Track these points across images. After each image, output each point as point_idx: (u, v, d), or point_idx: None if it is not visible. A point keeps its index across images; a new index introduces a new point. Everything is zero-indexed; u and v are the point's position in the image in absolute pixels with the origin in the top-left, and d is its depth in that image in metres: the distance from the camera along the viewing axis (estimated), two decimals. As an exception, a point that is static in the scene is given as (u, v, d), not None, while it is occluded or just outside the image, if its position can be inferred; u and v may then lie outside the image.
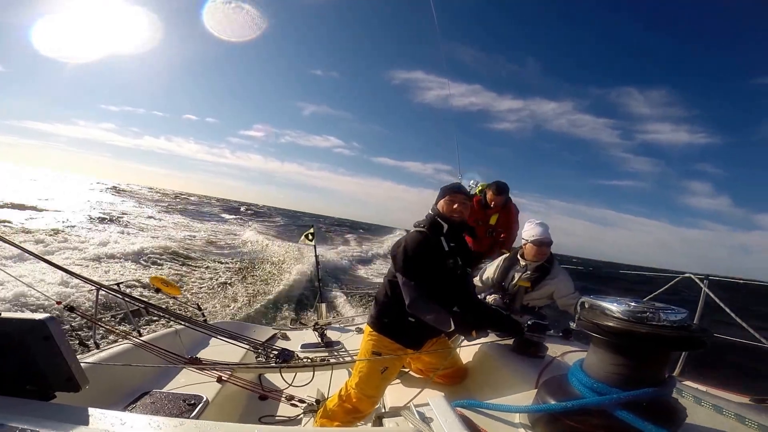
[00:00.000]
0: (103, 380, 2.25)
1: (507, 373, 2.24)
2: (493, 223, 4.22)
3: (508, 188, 4.12)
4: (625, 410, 0.92)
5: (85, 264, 10.37)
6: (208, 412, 2.43)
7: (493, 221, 4.21)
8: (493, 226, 4.22)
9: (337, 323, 4.84)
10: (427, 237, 2.30)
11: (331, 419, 2.40)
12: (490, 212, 4.21)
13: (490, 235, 4.25)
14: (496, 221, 4.20)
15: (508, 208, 4.21)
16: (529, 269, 2.99)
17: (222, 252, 16.32)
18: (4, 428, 0.80)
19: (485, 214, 4.23)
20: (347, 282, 12.18)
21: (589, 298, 1.10)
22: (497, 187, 4.08)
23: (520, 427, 1.12)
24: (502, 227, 4.21)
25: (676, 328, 0.93)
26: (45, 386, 1.06)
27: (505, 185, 4.11)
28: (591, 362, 1.06)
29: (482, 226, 4.23)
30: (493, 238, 4.24)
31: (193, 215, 34.16)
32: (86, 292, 6.74)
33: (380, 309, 2.42)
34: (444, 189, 2.42)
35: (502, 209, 4.19)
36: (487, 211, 4.22)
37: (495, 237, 4.24)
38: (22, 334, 1.01)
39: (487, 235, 4.25)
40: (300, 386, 2.78)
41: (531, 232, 3.00)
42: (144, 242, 14.69)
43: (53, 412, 0.92)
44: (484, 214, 4.23)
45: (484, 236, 4.26)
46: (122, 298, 2.91)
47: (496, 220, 4.20)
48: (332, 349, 3.76)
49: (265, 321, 8.04)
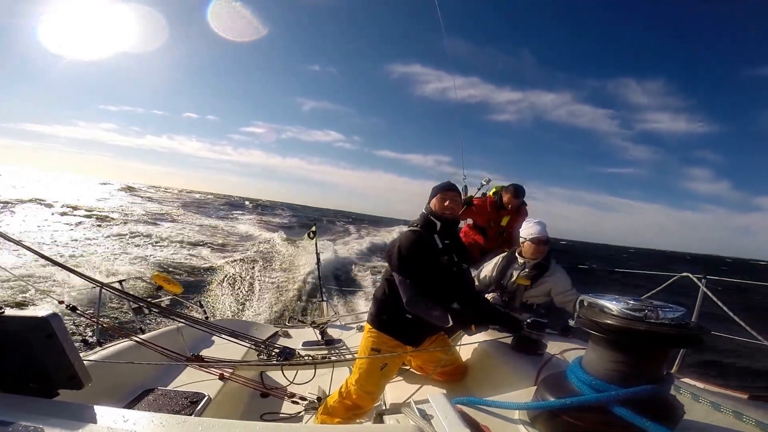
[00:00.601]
0: (105, 378, 2.26)
1: (506, 371, 2.25)
2: (504, 225, 4.22)
3: (525, 191, 4.13)
4: (624, 407, 0.92)
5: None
6: (210, 409, 2.44)
7: (505, 223, 4.21)
8: (504, 228, 4.23)
9: (338, 321, 4.85)
10: (420, 235, 2.33)
11: (331, 416, 2.42)
12: (503, 213, 4.21)
13: (501, 235, 4.26)
14: (507, 223, 4.21)
15: (521, 211, 4.21)
16: (527, 267, 3.01)
17: (224, 248, 16.34)
18: (9, 425, 0.81)
19: (498, 216, 4.23)
20: (349, 280, 12.18)
21: (588, 296, 1.10)
22: (515, 189, 4.08)
23: (519, 423, 1.13)
24: (513, 229, 4.18)
25: (674, 326, 0.94)
26: (48, 384, 1.06)
27: (522, 188, 4.11)
28: (590, 359, 1.07)
29: (494, 227, 4.25)
30: (503, 238, 4.25)
31: (200, 212, 34.24)
32: (89, 290, 6.76)
33: (379, 307, 2.44)
34: (436, 188, 2.45)
35: (516, 212, 4.19)
36: (500, 212, 4.22)
37: (505, 237, 4.24)
38: (25, 332, 1.02)
39: (497, 236, 4.27)
40: (301, 384, 2.79)
41: (529, 230, 3.03)
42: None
43: (56, 409, 0.93)
44: (497, 215, 4.23)
45: (495, 237, 4.27)
46: (124, 296, 2.92)
47: (508, 222, 4.21)
48: (333, 347, 3.77)
49: (267, 319, 8.06)
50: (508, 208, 4.17)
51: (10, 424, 0.81)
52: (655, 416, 0.90)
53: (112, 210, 27.08)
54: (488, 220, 4.23)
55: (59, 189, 42.08)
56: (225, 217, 33.43)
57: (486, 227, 4.29)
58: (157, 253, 13.32)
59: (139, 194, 50.80)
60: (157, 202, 39.41)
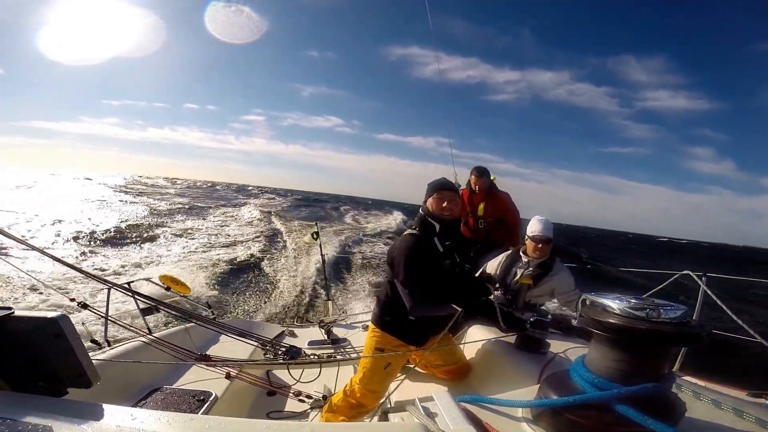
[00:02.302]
0: (114, 377, 2.29)
1: (510, 369, 2.25)
2: (481, 214, 4.23)
3: (487, 170, 4.17)
4: (626, 405, 0.93)
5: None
6: (217, 407, 2.46)
7: (481, 212, 4.23)
8: (482, 217, 4.23)
9: (343, 320, 4.87)
10: (419, 240, 2.24)
11: (336, 414, 2.44)
12: (476, 200, 4.23)
13: (482, 225, 4.26)
14: (483, 211, 4.22)
15: (494, 196, 4.21)
16: (531, 266, 2.99)
17: (226, 245, 16.36)
18: (17, 424, 0.82)
19: (474, 205, 4.25)
20: (354, 278, 12.19)
21: (591, 295, 1.10)
22: (476, 169, 4.15)
23: (523, 421, 1.13)
24: (491, 216, 4.22)
25: (675, 325, 0.94)
26: (57, 382, 1.08)
27: (483, 168, 4.17)
28: (592, 358, 1.07)
29: (471, 217, 4.27)
30: (485, 227, 4.26)
31: (207, 202, 34.32)
32: (99, 290, 6.83)
33: (382, 308, 2.43)
34: (430, 186, 2.34)
35: (488, 198, 4.19)
36: (473, 198, 4.24)
37: (487, 227, 4.25)
38: (34, 331, 1.03)
39: (479, 226, 4.27)
40: (307, 382, 2.81)
41: (531, 228, 3.00)
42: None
43: (65, 407, 0.94)
44: (472, 204, 4.25)
45: (477, 228, 4.28)
46: (133, 296, 2.95)
47: (483, 210, 4.22)
48: (339, 346, 3.79)
49: (273, 319, 8.09)
50: (476, 191, 4.19)
51: (19, 422, 0.83)
52: (657, 414, 0.90)
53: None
54: (467, 212, 4.23)
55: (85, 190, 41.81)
56: (235, 206, 33.28)
57: (465, 219, 4.28)
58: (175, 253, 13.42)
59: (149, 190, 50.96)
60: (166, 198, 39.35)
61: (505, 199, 4.26)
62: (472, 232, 4.29)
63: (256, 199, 42.83)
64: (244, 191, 59.75)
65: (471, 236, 4.25)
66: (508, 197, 4.29)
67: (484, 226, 4.26)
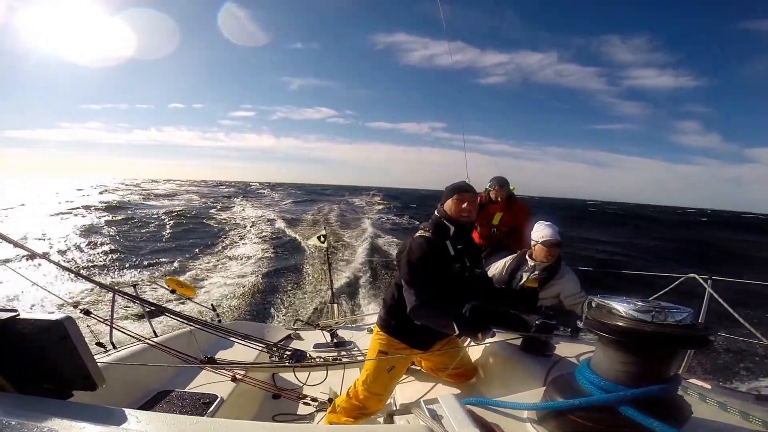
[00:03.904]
0: (119, 380, 2.30)
1: (516, 372, 2.24)
2: (496, 223, 4.24)
3: (507, 181, 4.24)
4: (632, 407, 0.92)
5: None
6: (222, 410, 2.47)
7: (496, 221, 4.24)
8: (497, 226, 4.25)
9: (349, 323, 4.86)
10: (431, 243, 2.19)
11: (338, 416, 2.44)
12: (494, 208, 4.24)
13: (494, 233, 4.28)
14: (499, 221, 4.23)
15: (513, 207, 4.23)
16: (537, 269, 2.99)
17: (227, 244, 16.43)
18: (23, 426, 0.82)
19: (489, 213, 4.26)
20: (358, 282, 12.18)
21: (596, 298, 1.10)
22: (497, 180, 4.19)
23: (528, 423, 1.13)
24: (506, 226, 4.23)
25: (681, 327, 0.93)
26: (62, 385, 1.08)
27: (503, 178, 4.23)
28: (598, 360, 1.07)
29: (486, 226, 4.29)
30: (497, 236, 4.27)
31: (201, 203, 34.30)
32: (103, 295, 6.88)
33: (388, 311, 2.41)
34: (450, 188, 2.30)
35: (507, 209, 4.20)
36: (489, 208, 4.25)
37: (498, 235, 4.27)
38: (39, 334, 1.04)
39: (491, 234, 4.29)
40: (313, 385, 2.81)
41: (540, 233, 2.98)
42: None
43: (70, 410, 0.94)
44: (489, 213, 4.26)
45: (489, 234, 4.30)
46: (138, 301, 2.97)
47: (499, 220, 4.23)
48: (344, 349, 3.78)
49: (279, 322, 8.10)
50: (497, 201, 4.21)
51: (25, 424, 0.83)
52: (663, 416, 0.90)
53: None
54: (482, 218, 4.24)
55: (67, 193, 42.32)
56: (225, 208, 33.43)
57: (479, 225, 4.30)
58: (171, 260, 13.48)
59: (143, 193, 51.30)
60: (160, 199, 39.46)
61: (524, 209, 4.29)
62: (484, 239, 4.31)
63: (259, 199, 42.82)
64: (246, 189, 59.80)
65: (482, 243, 4.26)
66: (527, 208, 4.33)
67: (496, 233, 4.28)
